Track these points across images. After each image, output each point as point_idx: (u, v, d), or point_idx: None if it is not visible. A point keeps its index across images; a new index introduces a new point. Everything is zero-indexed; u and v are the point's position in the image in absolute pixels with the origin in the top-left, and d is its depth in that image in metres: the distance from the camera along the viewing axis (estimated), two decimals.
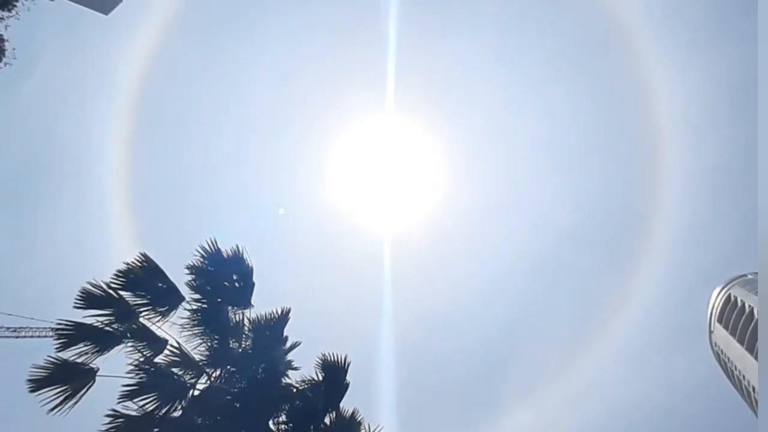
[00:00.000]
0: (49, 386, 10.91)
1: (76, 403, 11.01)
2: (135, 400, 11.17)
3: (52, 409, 10.78)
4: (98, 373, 11.35)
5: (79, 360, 11.32)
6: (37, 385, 10.89)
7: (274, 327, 12.37)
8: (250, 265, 12.79)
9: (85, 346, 11.42)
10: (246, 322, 12.46)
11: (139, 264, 12.21)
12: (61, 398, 10.89)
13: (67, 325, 11.47)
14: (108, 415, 10.91)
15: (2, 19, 31.55)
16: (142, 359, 11.68)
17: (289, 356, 12.55)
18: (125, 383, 11.31)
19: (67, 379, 11.06)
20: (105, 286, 11.75)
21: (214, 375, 12.12)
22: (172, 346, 11.96)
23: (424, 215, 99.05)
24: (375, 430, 11.79)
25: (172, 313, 12.27)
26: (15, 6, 31.69)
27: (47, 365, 11.07)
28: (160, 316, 12.15)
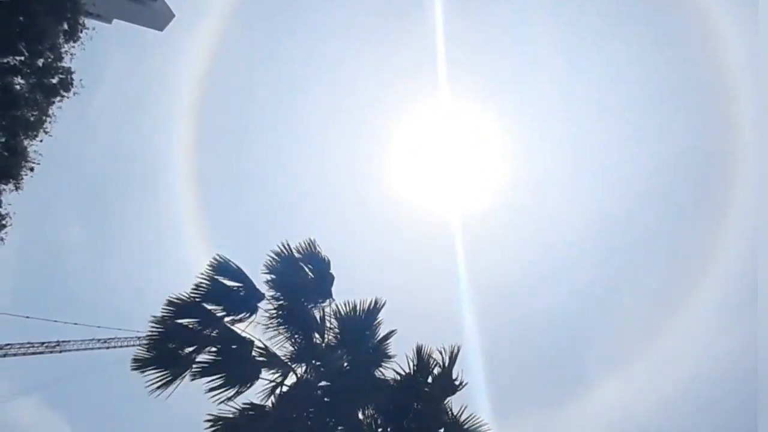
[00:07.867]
0: (153, 367, 11.45)
1: (175, 388, 11.48)
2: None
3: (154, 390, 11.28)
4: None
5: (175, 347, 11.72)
6: (142, 364, 11.45)
7: (360, 318, 12.14)
8: (325, 258, 12.69)
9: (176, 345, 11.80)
10: (331, 315, 12.32)
11: (217, 265, 12.36)
12: (162, 382, 11.38)
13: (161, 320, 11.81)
14: (207, 420, 11.15)
15: (67, 51, 32.08)
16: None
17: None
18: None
19: (168, 363, 11.56)
20: (187, 298, 11.97)
21: (301, 371, 12.17)
22: (258, 347, 12.08)
23: (492, 191, 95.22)
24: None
25: (253, 315, 12.36)
26: (80, 37, 32.20)
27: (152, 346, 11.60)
28: (243, 317, 12.28)
